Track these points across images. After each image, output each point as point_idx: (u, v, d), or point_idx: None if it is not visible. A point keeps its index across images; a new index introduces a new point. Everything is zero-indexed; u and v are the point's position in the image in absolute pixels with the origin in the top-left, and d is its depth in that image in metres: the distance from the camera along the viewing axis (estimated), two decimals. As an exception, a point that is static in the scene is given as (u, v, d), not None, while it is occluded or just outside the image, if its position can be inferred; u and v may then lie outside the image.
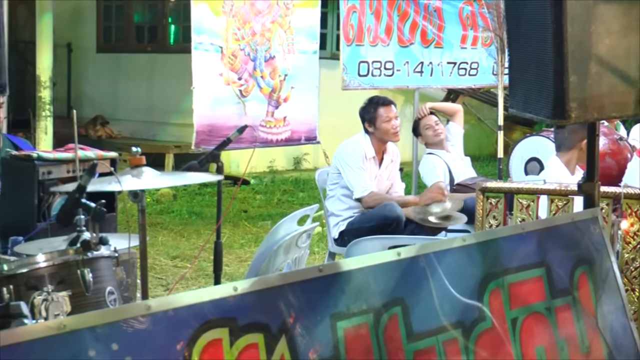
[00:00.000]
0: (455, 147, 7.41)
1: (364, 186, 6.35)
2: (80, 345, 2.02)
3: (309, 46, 9.13)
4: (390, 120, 6.49)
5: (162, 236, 8.71)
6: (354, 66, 9.07)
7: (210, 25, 8.20)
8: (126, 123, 14.40)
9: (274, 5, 8.72)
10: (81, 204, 3.15)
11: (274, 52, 8.77)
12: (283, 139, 9.00)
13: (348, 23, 9.01)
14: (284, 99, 8.90)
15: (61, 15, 13.27)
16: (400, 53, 9.53)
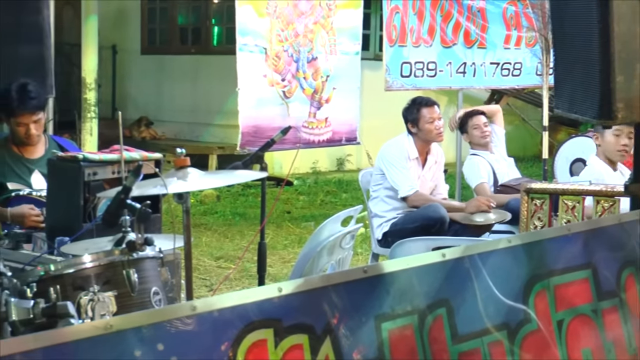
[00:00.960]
0: (498, 148, 7.36)
1: (410, 185, 6.33)
2: (126, 346, 2.04)
3: (351, 47, 9.12)
4: (434, 121, 6.47)
5: (206, 237, 8.76)
6: (397, 67, 9.04)
7: (254, 26, 8.22)
8: (170, 124, 14.49)
9: (317, 6, 8.72)
10: (126, 205, 3.17)
11: (317, 53, 8.77)
12: (325, 139, 9.00)
13: (391, 24, 8.99)
14: (326, 99, 8.90)
15: (106, 17, 13.40)
16: (443, 54, 9.50)
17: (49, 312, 2.49)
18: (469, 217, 6.30)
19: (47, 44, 6.53)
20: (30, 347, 1.87)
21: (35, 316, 2.47)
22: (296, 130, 8.17)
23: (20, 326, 2.45)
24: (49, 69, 6.53)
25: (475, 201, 6.45)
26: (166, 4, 15.00)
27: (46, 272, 2.81)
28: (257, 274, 4.60)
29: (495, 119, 7.59)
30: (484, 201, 6.38)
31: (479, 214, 6.31)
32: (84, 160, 4.29)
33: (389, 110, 9.69)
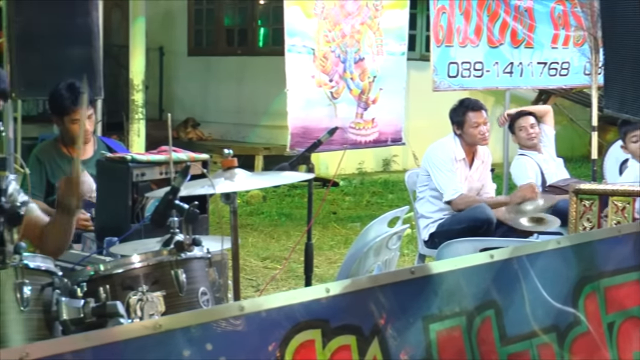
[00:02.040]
0: (547, 148, 7.29)
1: (454, 189, 6.30)
2: (175, 345, 2.05)
3: (397, 47, 9.09)
4: (478, 126, 6.43)
5: (252, 237, 8.78)
6: (444, 67, 9.01)
7: (302, 27, 8.23)
8: (216, 125, 14.55)
9: (364, 6, 8.71)
10: (175, 206, 3.19)
11: (364, 53, 8.76)
12: (371, 140, 8.99)
13: (437, 24, 8.95)
14: (373, 100, 8.88)
15: (154, 19, 13.49)
16: (490, 54, 9.44)
17: (99, 312, 2.51)
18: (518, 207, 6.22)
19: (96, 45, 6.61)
20: (81, 346, 1.89)
21: (86, 315, 2.49)
22: (343, 131, 8.16)
23: (70, 325, 2.48)
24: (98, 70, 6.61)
25: (519, 191, 6.43)
26: (213, 5, 15.08)
27: (96, 272, 2.84)
28: (304, 274, 4.60)
29: (545, 119, 7.51)
30: (529, 189, 6.34)
31: (527, 202, 6.23)
32: (132, 161, 4.32)
33: (436, 111, 9.64)
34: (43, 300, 2.47)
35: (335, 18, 8.47)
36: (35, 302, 2.44)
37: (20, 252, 2.43)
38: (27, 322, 2.41)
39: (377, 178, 12.92)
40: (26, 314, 2.41)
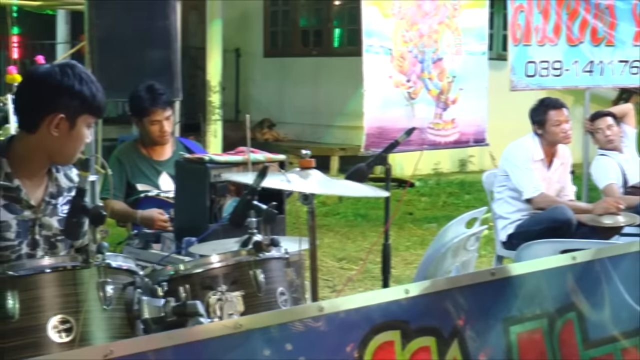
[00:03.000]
0: (628, 148, 7.16)
1: (534, 186, 6.22)
2: (256, 345, 2.06)
3: (477, 47, 9.00)
4: (560, 124, 6.35)
5: (328, 238, 8.79)
6: (522, 66, 8.90)
7: (379, 27, 8.20)
8: (292, 126, 14.61)
9: (441, 6, 8.65)
10: (253, 206, 3.21)
11: (442, 53, 8.70)
12: (451, 141, 8.91)
13: (515, 23, 8.84)
14: (452, 100, 8.81)
15: (230, 21, 13.60)
16: (569, 52, 9.29)
17: (179, 311, 2.53)
18: (597, 219, 6.15)
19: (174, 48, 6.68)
20: (164, 344, 1.92)
21: (166, 314, 2.52)
22: (421, 132, 8.12)
23: (152, 324, 2.50)
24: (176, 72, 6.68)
25: (603, 203, 6.29)
26: (288, 6, 15.15)
27: (176, 272, 2.86)
28: (382, 275, 4.58)
29: (626, 119, 7.38)
30: (613, 203, 6.22)
31: (607, 216, 6.15)
32: (210, 162, 4.34)
33: (513, 111, 9.55)
34: (125, 299, 2.50)
35: (413, 18, 8.42)
36: (117, 301, 2.47)
37: (103, 251, 2.47)
38: (109, 321, 2.44)
39: (454, 178, 12.84)
40: (109, 313, 2.44)
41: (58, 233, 3.25)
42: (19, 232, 3.13)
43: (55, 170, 3.28)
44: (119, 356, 1.86)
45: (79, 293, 2.42)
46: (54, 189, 3.26)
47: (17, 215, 3.13)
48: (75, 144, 3.14)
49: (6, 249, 3.10)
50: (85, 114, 3.11)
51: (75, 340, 2.36)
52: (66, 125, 3.10)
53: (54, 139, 3.11)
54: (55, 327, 2.37)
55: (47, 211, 3.21)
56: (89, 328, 2.40)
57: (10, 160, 3.14)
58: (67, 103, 3.09)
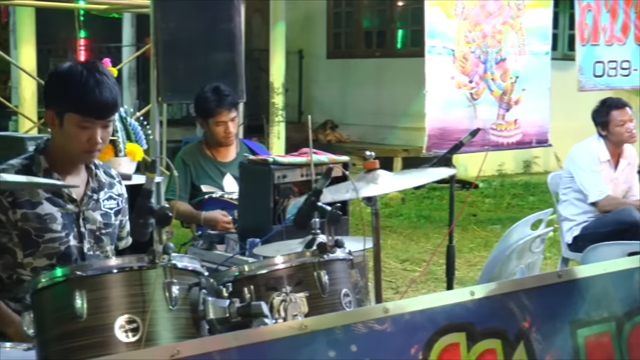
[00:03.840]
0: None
1: (600, 190, 6.14)
2: (321, 346, 2.06)
3: (541, 47, 8.92)
4: (624, 124, 6.26)
5: (391, 239, 8.78)
6: (589, 66, 8.80)
7: (442, 28, 8.17)
8: (355, 127, 14.61)
9: (505, 6, 8.58)
10: (317, 207, 3.21)
11: (505, 54, 8.63)
12: (514, 142, 8.84)
13: (583, 22, 8.75)
14: (515, 101, 8.74)
15: (293, 22, 13.66)
16: (638, 52, 9.16)
17: (244, 312, 2.53)
18: None
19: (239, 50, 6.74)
20: (229, 345, 1.93)
21: (231, 315, 2.52)
22: (484, 133, 8.05)
23: (217, 324, 2.51)
24: (240, 74, 6.73)
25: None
26: (351, 8, 15.16)
27: (241, 273, 2.87)
28: (446, 277, 4.56)
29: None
30: None
31: None
32: (274, 164, 4.36)
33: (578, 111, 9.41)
34: (190, 300, 2.51)
35: (476, 18, 8.37)
36: (183, 301, 2.48)
37: (169, 252, 2.48)
38: (175, 321, 2.45)
39: (518, 180, 12.73)
40: (175, 313, 2.45)
41: (102, 227, 3.34)
42: (65, 224, 3.23)
43: (95, 167, 3.37)
44: (185, 356, 1.87)
45: (145, 293, 2.44)
46: (95, 184, 3.34)
47: (60, 207, 3.23)
48: (68, 141, 3.19)
49: (54, 240, 3.21)
50: (71, 113, 3.14)
51: (141, 340, 2.38)
52: (56, 122, 3.18)
53: (54, 136, 3.24)
54: (122, 327, 2.39)
55: (89, 205, 3.31)
56: (155, 328, 2.42)
57: (47, 157, 3.25)
58: (56, 100, 3.18)
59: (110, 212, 3.39)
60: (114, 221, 3.40)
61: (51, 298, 2.47)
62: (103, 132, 3.18)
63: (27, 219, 3.17)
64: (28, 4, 9.82)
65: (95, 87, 3.10)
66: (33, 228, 3.18)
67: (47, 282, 2.47)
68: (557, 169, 8.27)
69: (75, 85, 3.11)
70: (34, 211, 3.18)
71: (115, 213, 3.41)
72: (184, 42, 6.46)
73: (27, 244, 3.19)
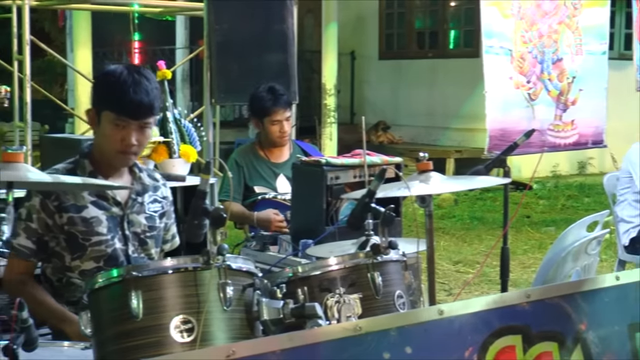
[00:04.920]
0: None
1: (660, 190, 6.06)
2: (375, 347, 2.05)
3: (598, 47, 8.81)
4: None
5: (444, 241, 8.74)
6: (648, 66, 8.69)
7: (499, 28, 8.10)
8: (407, 128, 14.57)
9: (561, 5, 8.49)
10: (371, 209, 3.20)
11: (562, 53, 8.54)
12: (570, 143, 8.75)
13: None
14: (572, 102, 8.64)
15: (345, 24, 13.66)
16: (696, 50, 9.03)
17: (298, 313, 2.53)
18: None
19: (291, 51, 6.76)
20: (285, 346, 1.93)
21: (285, 316, 2.52)
22: (541, 134, 7.98)
23: (271, 325, 2.52)
24: (293, 75, 6.75)
25: None
26: (404, 8, 15.13)
27: (294, 274, 2.87)
28: (500, 279, 4.52)
29: None
30: None
31: None
32: (327, 165, 4.36)
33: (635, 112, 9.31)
34: (245, 301, 2.52)
35: (532, 18, 8.29)
36: (237, 302, 2.49)
37: (223, 253, 2.49)
38: (230, 321, 2.46)
39: (573, 181, 12.60)
40: (229, 313, 2.46)
41: (147, 230, 3.37)
42: (110, 227, 3.27)
43: (138, 170, 3.39)
44: (241, 357, 1.87)
45: (200, 294, 2.45)
46: (139, 187, 3.37)
47: (105, 211, 3.27)
48: (103, 141, 3.23)
49: (100, 243, 3.25)
50: (107, 110, 3.18)
51: (196, 340, 2.39)
52: (94, 119, 3.23)
53: (94, 136, 3.31)
54: (177, 327, 2.41)
55: (134, 208, 3.34)
56: (209, 328, 2.43)
57: (91, 160, 3.29)
58: (96, 97, 3.26)
59: (155, 215, 3.41)
60: (158, 224, 3.42)
61: (108, 298, 2.50)
62: (139, 134, 3.20)
63: (74, 222, 3.21)
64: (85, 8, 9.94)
65: (131, 86, 3.14)
66: (79, 232, 3.22)
67: (104, 282, 2.50)
68: (613, 170, 8.16)
69: (112, 83, 3.16)
70: (79, 215, 3.22)
71: (159, 216, 3.43)
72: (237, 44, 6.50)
73: (74, 247, 3.23)
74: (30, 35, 7.67)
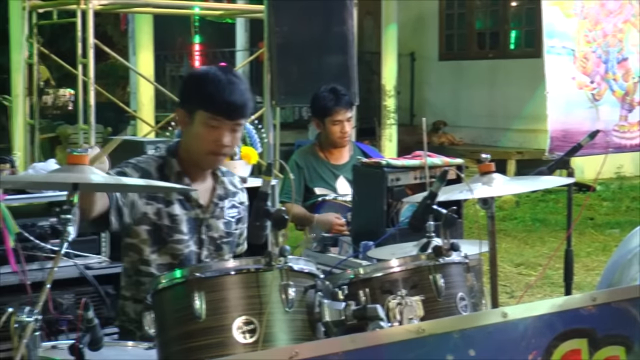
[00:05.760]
0: None
1: None
2: (438, 350, 2.04)
3: (665, 45, 8.68)
4: None
5: (505, 243, 8.67)
6: None
7: (561, 27, 8.02)
8: (467, 130, 14.49)
9: (626, 4, 8.37)
10: (432, 210, 3.18)
11: (627, 53, 8.42)
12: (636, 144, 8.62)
13: None
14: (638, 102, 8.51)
15: (405, 25, 13.62)
16: None
17: (360, 315, 2.53)
18: None
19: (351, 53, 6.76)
20: (347, 347, 1.93)
21: (347, 318, 2.52)
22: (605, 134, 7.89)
23: (332, 327, 2.52)
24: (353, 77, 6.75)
25: None
26: (464, 9, 15.04)
27: (356, 275, 2.87)
28: (564, 282, 4.46)
29: None
30: None
31: None
32: (388, 167, 4.35)
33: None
34: (306, 302, 2.52)
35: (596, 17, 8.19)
36: (299, 304, 2.50)
37: (285, 254, 2.50)
38: (292, 323, 2.47)
39: (637, 182, 12.39)
40: (291, 315, 2.47)
41: (223, 235, 3.37)
42: (190, 228, 3.28)
43: (221, 174, 3.39)
44: (304, 358, 1.88)
45: (262, 295, 2.46)
46: (222, 192, 3.38)
47: (187, 211, 3.28)
48: (195, 141, 3.22)
49: (180, 242, 3.26)
50: (201, 110, 3.17)
51: (258, 341, 2.40)
52: (185, 119, 3.22)
53: (183, 136, 3.28)
54: (239, 328, 2.42)
55: (214, 212, 3.34)
56: (271, 330, 2.44)
57: (179, 160, 3.29)
58: (188, 98, 3.22)
59: (232, 221, 3.41)
60: (234, 230, 3.42)
61: (171, 299, 2.52)
62: (231, 135, 3.20)
63: (161, 215, 3.24)
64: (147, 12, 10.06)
65: (227, 86, 3.14)
66: (165, 226, 3.24)
67: (167, 283, 2.52)
68: (678, 172, 8.03)
69: (208, 83, 3.16)
70: (167, 209, 3.25)
71: (236, 221, 3.43)
72: (297, 46, 6.51)
73: (156, 240, 3.25)
74: (94, 39, 7.77)
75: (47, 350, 2.75)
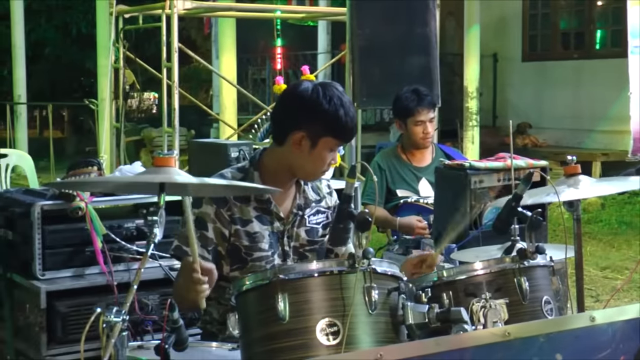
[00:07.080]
0: None
1: None
2: (524, 353, 2.02)
3: None
4: None
5: (590, 246, 8.52)
6: None
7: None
8: (551, 131, 14.29)
9: None
10: (517, 213, 3.15)
11: None
12: None
13: None
14: None
15: (487, 26, 13.50)
16: None
17: (443, 317, 2.52)
18: None
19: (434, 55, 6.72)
20: (432, 350, 1.92)
21: (430, 320, 2.51)
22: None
23: (416, 330, 2.51)
24: (435, 79, 6.71)
25: None
26: (548, 9, 14.85)
27: (439, 278, 2.86)
28: (651, 286, 4.37)
29: None
30: None
31: None
32: (471, 169, 4.33)
33: None
34: (390, 304, 2.52)
35: (682, 16, 8.01)
36: (382, 306, 2.49)
37: (369, 256, 2.50)
38: (375, 325, 2.47)
39: None
40: (374, 317, 2.46)
41: (306, 244, 3.31)
42: (271, 242, 3.23)
43: (304, 183, 3.34)
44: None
45: (345, 297, 2.46)
46: (302, 201, 3.32)
47: (268, 226, 3.23)
48: (315, 164, 3.17)
49: (261, 259, 3.21)
50: (328, 137, 3.11)
51: (341, 343, 2.40)
52: (307, 144, 3.13)
53: (296, 156, 3.16)
54: (323, 330, 2.43)
55: (295, 223, 3.28)
56: (355, 332, 2.44)
57: (260, 172, 3.24)
58: (311, 122, 3.11)
59: (317, 227, 3.35)
60: (319, 236, 3.36)
61: (255, 300, 2.53)
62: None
63: (239, 236, 3.19)
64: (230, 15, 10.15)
65: (349, 111, 3.11)
66: (243, 246, 3.19)
67: (251, 284, 2.54)
68: None
69: (335, 108, 3.08)
70: (244, 229, 3.20)
71: (323, 227, 3.37)
72: (379, 48, 6.50)
73: (235, 259, 3.22)
74: (178, 43, 7.87)
75: (134, 350, 2.80)
